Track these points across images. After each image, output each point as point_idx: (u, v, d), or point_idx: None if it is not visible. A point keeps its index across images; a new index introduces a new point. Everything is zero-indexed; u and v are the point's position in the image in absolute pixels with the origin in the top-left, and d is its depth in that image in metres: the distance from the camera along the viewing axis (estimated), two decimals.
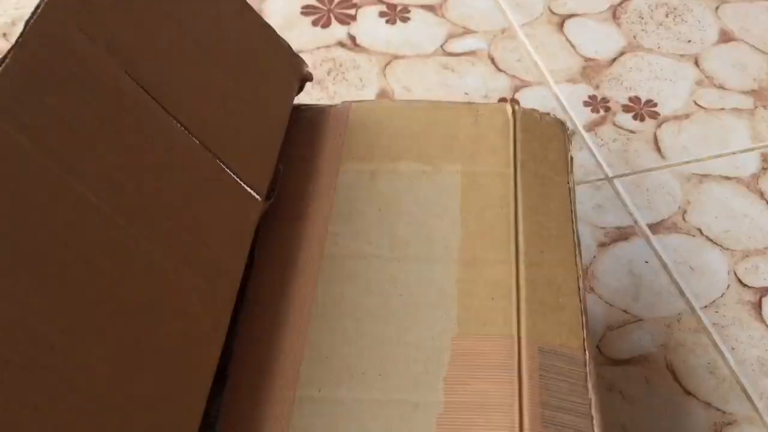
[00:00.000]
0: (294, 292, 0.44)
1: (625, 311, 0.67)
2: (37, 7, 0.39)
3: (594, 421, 0.40)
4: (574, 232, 0.49)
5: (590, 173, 0.77)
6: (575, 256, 0.47)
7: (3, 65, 0.35)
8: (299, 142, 0.52)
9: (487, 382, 0.40)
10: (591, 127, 0.81)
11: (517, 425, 0.39)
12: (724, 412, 0.61)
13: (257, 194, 0.46)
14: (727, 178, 0.77)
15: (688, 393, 0.62)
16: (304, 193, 0.49)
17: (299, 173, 0.51)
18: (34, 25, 0.38)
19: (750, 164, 0.78)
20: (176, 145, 0.42)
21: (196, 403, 0.38)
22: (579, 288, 0.46)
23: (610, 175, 0.77)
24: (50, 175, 0.35)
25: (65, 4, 0.39)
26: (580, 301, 0.45)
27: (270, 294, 0.45)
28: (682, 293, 0.68)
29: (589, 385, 0.42)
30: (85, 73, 0.39)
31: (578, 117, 0.82)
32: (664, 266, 0.70)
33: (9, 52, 0.36)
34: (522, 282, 0.45)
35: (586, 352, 0.43)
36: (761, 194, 0.75)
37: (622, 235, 0.72)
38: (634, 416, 0.61)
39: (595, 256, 0.71)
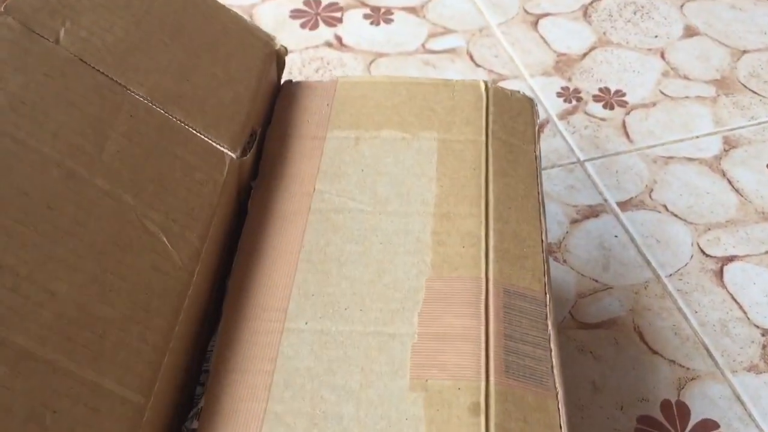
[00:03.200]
0: (283, 240, 0.49)
1: (595, 280, 0.72)
2: None
3: (552, 354, 0.45)
4: (539, 194, 0.54)
5: (563, 157, 0.82)
6: (539, 214, 0.52)
7: None
8: (289, 111, 0.57)
9: (457, 316, 0.45)
10: (564, 115, 0.86)
11: (483, 353, 0.43)
12: (687, 369, 0.66)
13: (230, 151, 0.50)
14: (691, 159, 0.82)
15: (654, 352, 0.67)
16: (293, 155, 0.54)
17: (289, 138, 0.55)
18: None
19: (712, 147, 0.83)
20: (139, 115, 0.47)
21: (167, 324, 0.42)
22: (542, 241, 0.51)
23: (582, 158, 0.82)
24: (6, 140, 0.40)
25: (15, 13, 0.45)
26: (543, 251, 0.50)
27: (261, 242, 0.49)
28: (648, 263, 0.73)
29: (549, 323, 0.46)
30: (38, 64, 0.44)
31: (552, 107, 0.87)
32: (632, 240, 0.75)
33: None
34: (491, 233, 0.49)
35: (547, 295, 0.48)
36: (723, 173, 0.81)
37: (593, 212, 0.77)
38: (603, 373, 0.65)
39: (567, 232, 0.76)
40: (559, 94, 0.89)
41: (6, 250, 0.37)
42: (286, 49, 0.58)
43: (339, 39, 0.94)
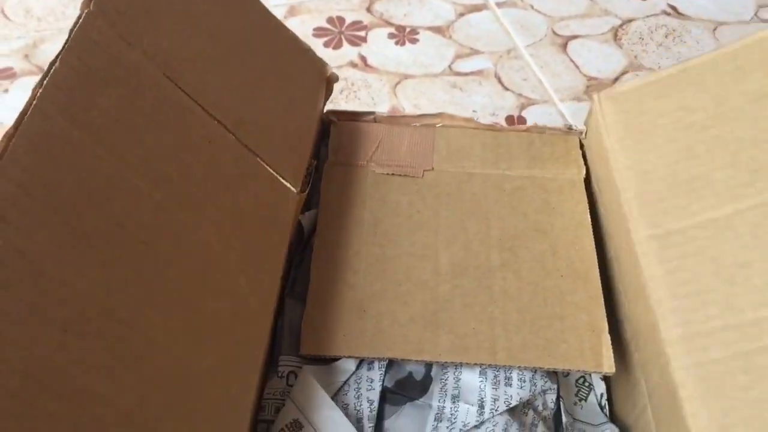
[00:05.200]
0: None
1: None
2: (78, 18, 0.41)
3: None
4: None
5: None
6: None
7: (54, 68, 0.37)
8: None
9: None
10: None
11: None
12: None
13: (292, 187, 0.47)
14: None
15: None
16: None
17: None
18: (77, 32, 0.40)
19: None
20: (216, 141, 0.44)
21: (250, 379, 0.39)
22: None
23: None
24: (104, 165, 0.38)
25: (103, 15, 0.42)
26: None
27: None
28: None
29: None
30: (128, 77, 0.41)
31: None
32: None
33: (58, 56, 0.38)
34: None
35: None
36: None
37: None
38: None
39: None
40: None
41: (109, 292, 0.33)
42: (337, 76, 0.56)
43: (363, 59, 0.92)
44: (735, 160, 0.43)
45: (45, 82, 0.35)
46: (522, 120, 0.85)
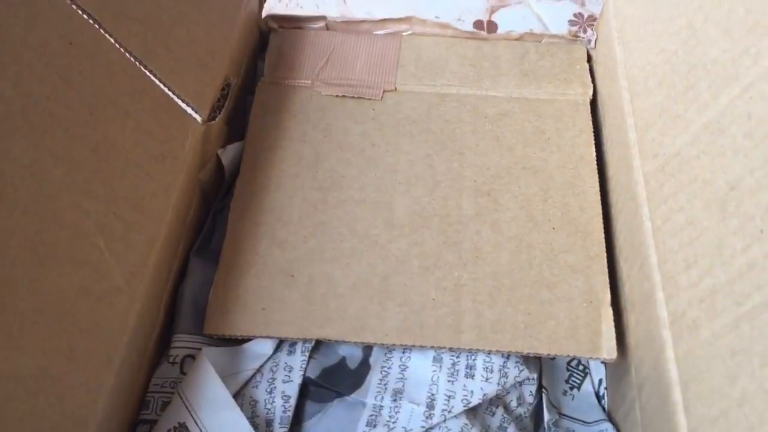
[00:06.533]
0: None
1: None
2: None
3: None
4: None
5: None
6: None
7: None
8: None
9: None
10: None
11: None
12: None
13: (196, 113, 0.36)
14: None
15: None
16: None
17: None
18: None
19: None
20: (81, 39, 0.32)
21: (100, 380, 0.29)
22: None
23: None
24: None
25: None
26: None
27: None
28: None
29: None
30: None
31: None
32: None
33: None
34: None
35: None
36: None
37: None
38: None
39: None
40: (571, 23, 0.72)
41: None
42: None
43: None
44: (730, 18, 0.30)
45: None
46: (493, 26, 0.72)
